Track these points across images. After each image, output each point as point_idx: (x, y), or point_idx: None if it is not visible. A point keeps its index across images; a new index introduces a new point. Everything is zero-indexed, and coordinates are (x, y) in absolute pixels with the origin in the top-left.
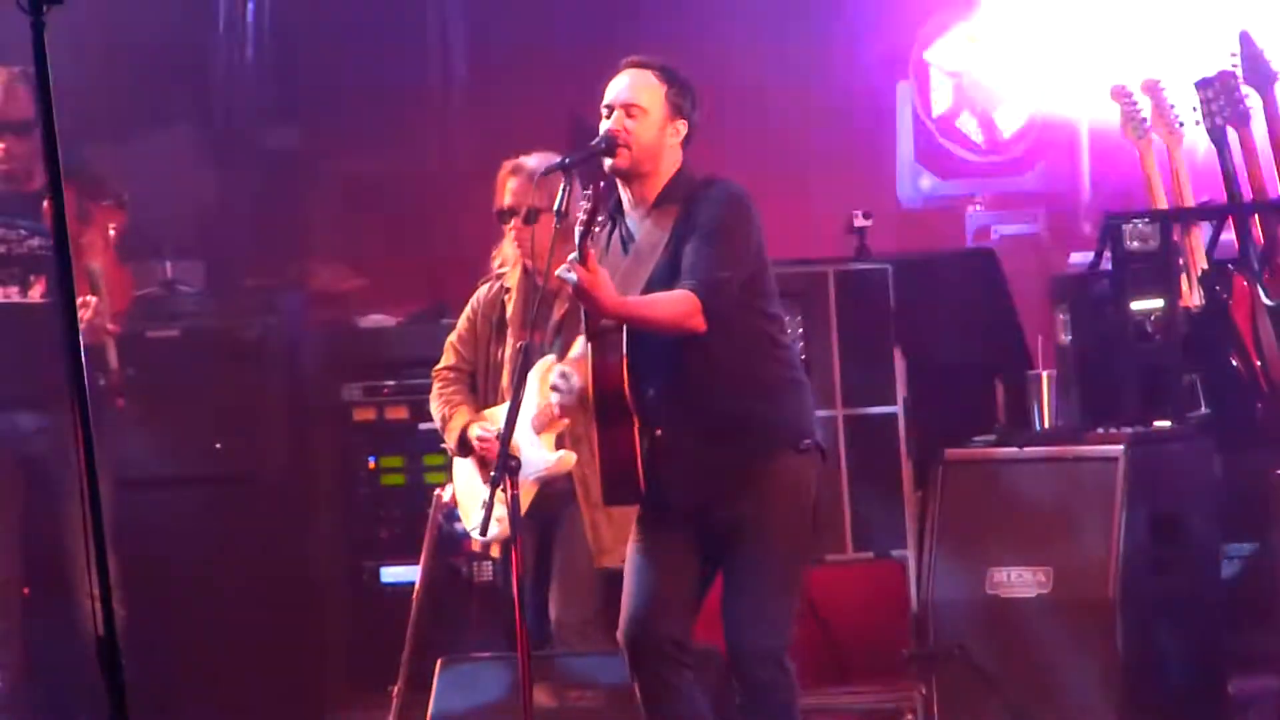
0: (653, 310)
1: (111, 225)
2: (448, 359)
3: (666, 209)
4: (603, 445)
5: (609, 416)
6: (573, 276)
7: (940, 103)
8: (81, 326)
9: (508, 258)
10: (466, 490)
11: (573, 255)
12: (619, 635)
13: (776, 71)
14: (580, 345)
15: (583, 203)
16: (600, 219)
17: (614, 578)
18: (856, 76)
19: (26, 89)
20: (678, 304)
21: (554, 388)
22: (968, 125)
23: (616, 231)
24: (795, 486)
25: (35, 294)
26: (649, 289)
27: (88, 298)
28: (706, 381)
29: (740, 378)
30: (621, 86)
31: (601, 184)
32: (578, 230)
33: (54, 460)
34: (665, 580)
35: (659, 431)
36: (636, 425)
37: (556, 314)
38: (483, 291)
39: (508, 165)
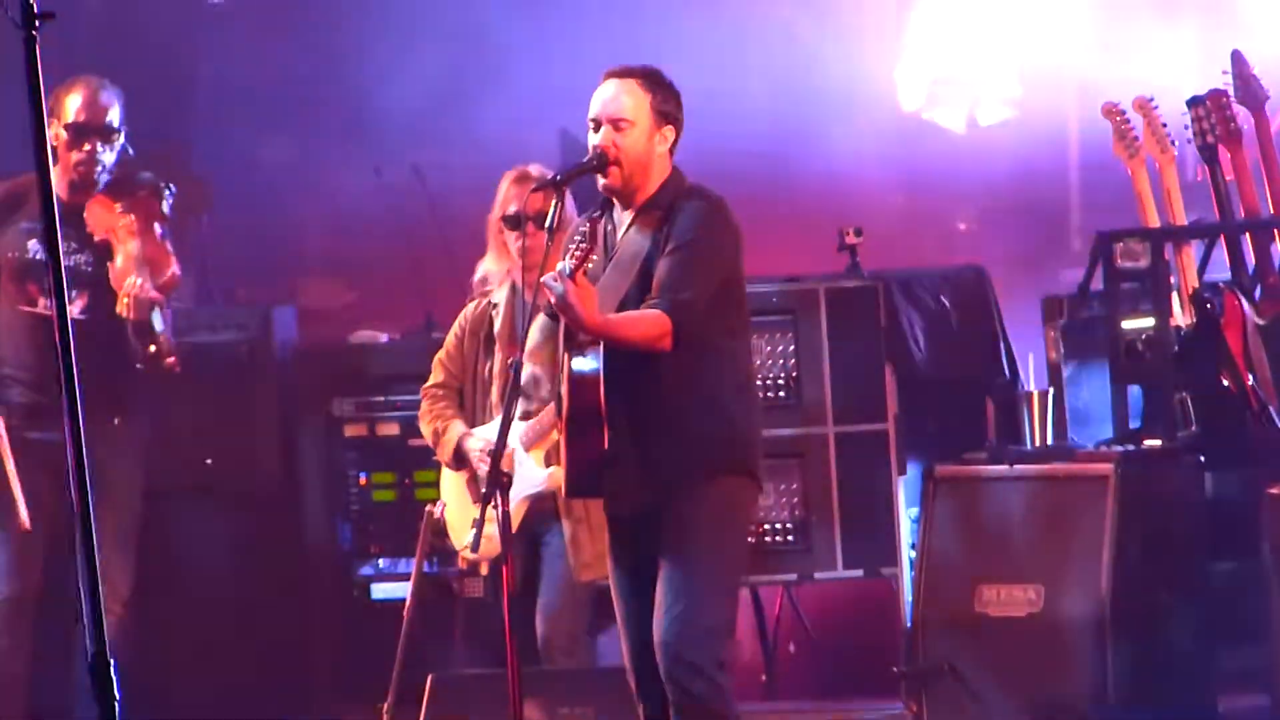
0: (629, 330)
1: (151, 209)
2: (436, 376)
3: (650, 216)
4: (570, 446)
5: (580, 425)
6: (559, 288)
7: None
8: (128, 304)
9: (491, 274)
10: (455, 507)
11: (562, 266)
12: (626, 668)
13: (765, 82)
14: (533, 338)
15: (578, 238)
16: (595, 257)
17: (599, 592)
18: (848, 87)
19: (110, 96)
20: (651, 325)
21: (527, 393)
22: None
23: (602, 229)
24: (730, 507)
25: (75, 309)
26: (624, 303)
27: (133, 279)
28: (656, 396)
29: (690, 396)
30: (606, 99)
31: (598, 215)
32: (570, 263)
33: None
34: (645, 613)
35: (608, 442)
36: (606, 433)
37: None
38: (470, 309)
39: (513, 173)
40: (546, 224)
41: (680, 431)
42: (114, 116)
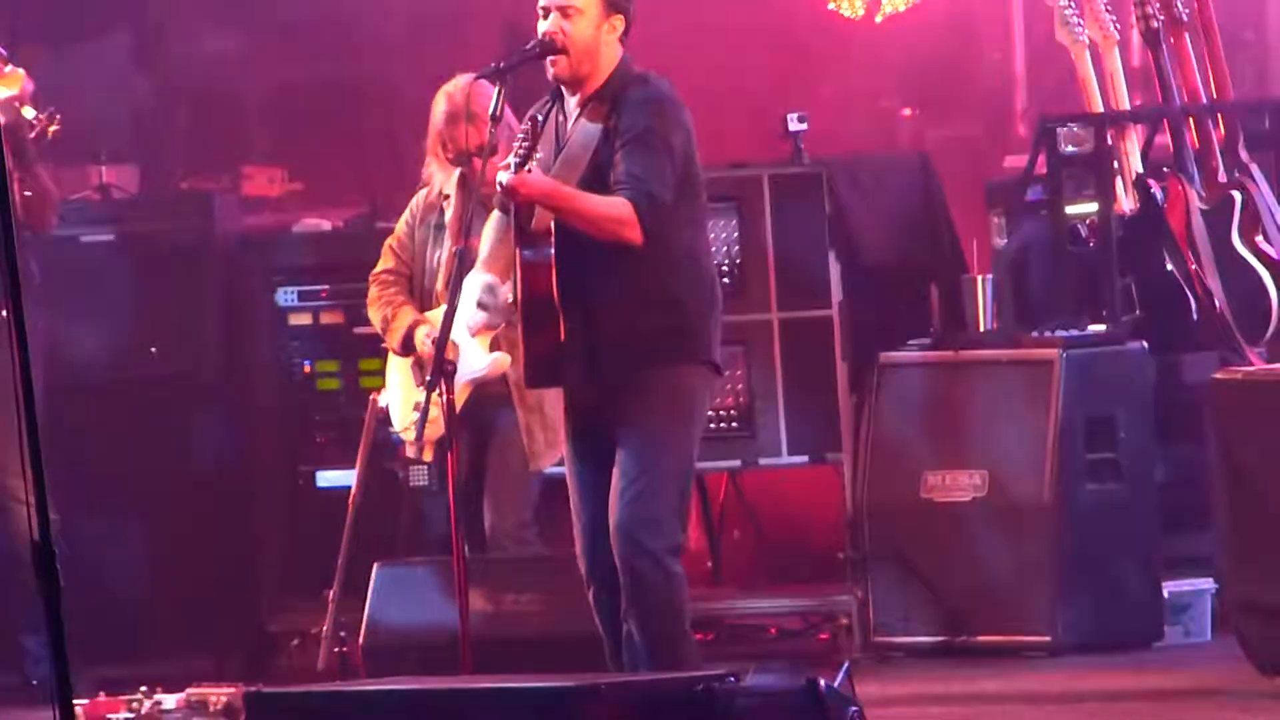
0: (585, 204)
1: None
2: (386, 262)
3: (598, 107)
4: (528, 344)
5: (535, 318)
6: (505, 176)
7: None
8: None
9: (435, 175)
10: (399, 394)
11: (509, 159)
12: (577, 553)
13: None
14: (488, 240)
15: (521, 135)
16: (539, 154)
17: (549, 481)
18: None
19: None
20: (612, 207)
21: (480, 304)
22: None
23: (551, 122)
24: (684, 397)
25: None
26: None
27: None
28: (610, 286)
29: (648, 288)
30: None
31: (548, 105)
32: (513, 160)
33: None
34: (603, 494)
35: (564, 333)
36: (562, 325)
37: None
38: (421, 195)
39: (443, 111)
40: (490, 112)
41: (633, 321)
42: None
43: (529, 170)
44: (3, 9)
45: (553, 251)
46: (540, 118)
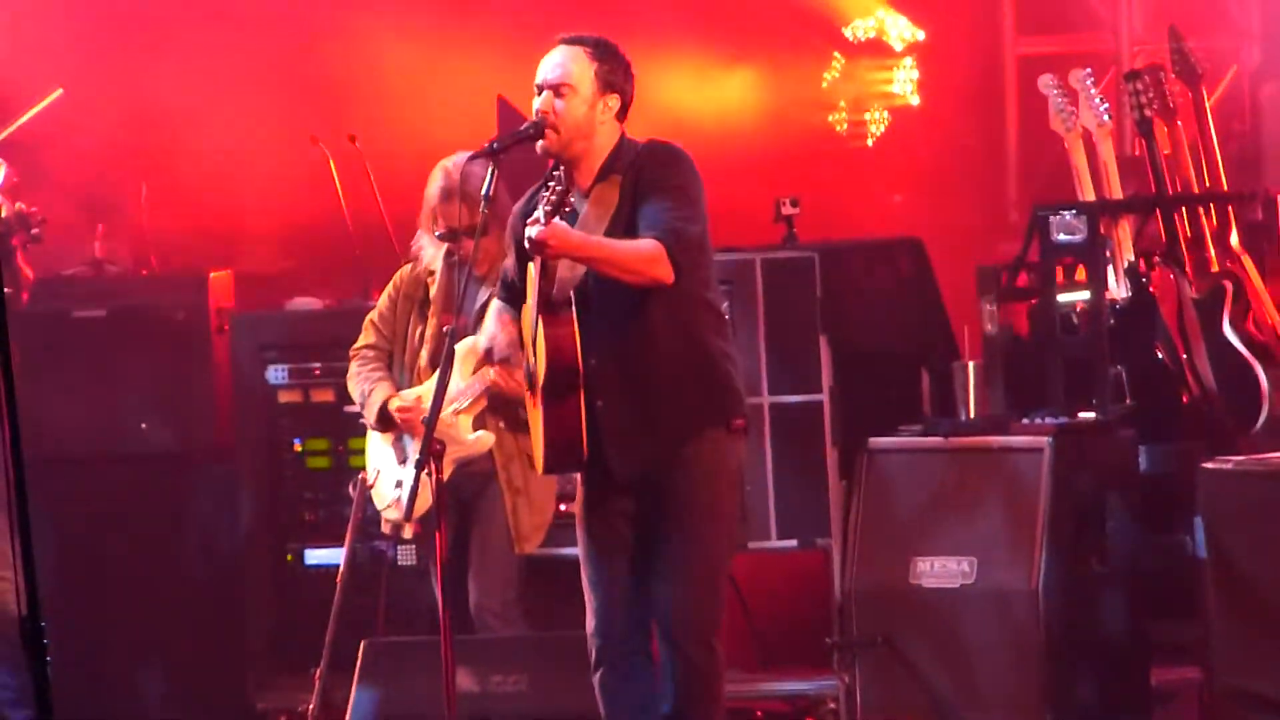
0: (614, 249)
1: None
2: (367, 337)
3: (610, 180)
4: (548, 419)
5: (559, 390)
6: (533, 230)
7: None
8: None
9: (425, 252)
10: (380, 472)
11: (537, 214)
12: (588, 633)
13: (706, 60)
14: (469, 344)
15: (553, 183)
16: (570, 199)
17: (533, 562)
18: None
19: None
20: (642, 248)
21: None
22: None
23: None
24: (725, 467)
25: None
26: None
27: None
28: (649, 354)
29: (680, 349)
30: (551, 65)
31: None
32: (544, 209)
33: None
34: (621, 573)
35: (600, 402)
36: (583, 398)
37: (482, 298)
38: (405, 270)
39: (439, 187)
40: (483, 191)
41: (680, 388)
42: None
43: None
44: None
45: (575, 322)
46: (567, 197)
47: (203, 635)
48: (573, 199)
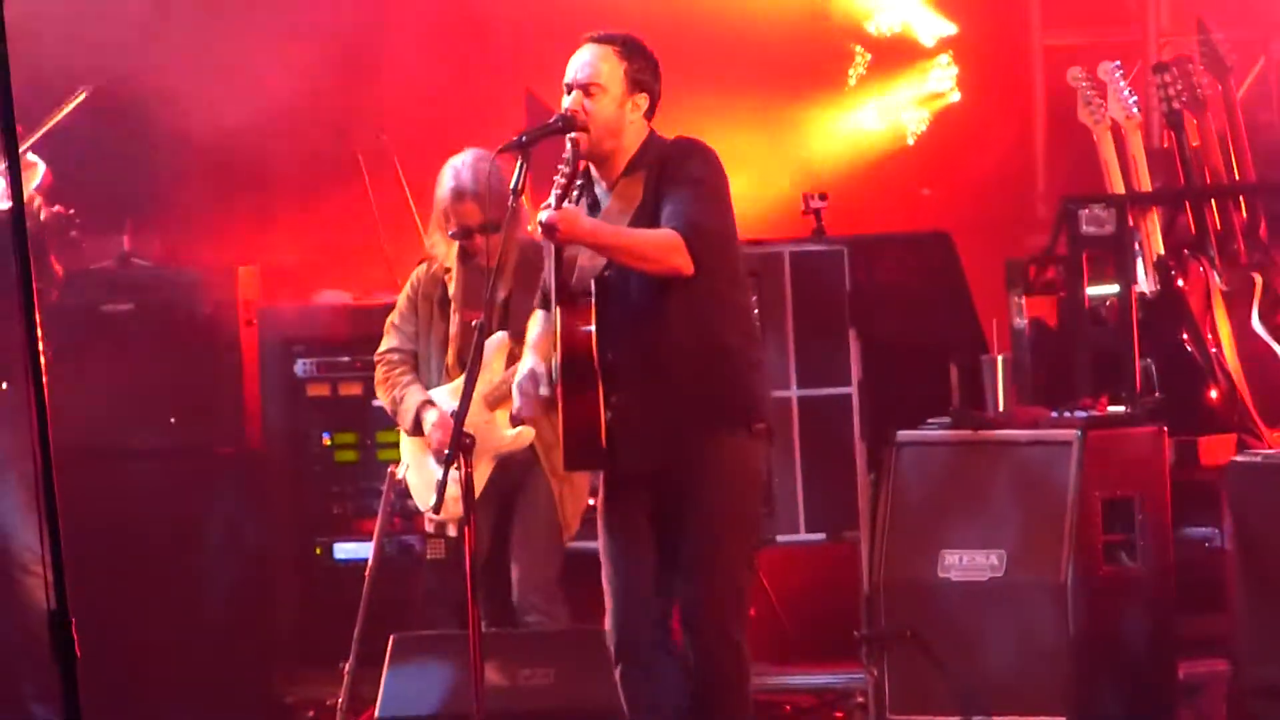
0: (630, 237)
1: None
2: (390, 341)
3: (635, 176)
4: (567, 411)
5: (575, 383)
6: (544, 215)
7: None
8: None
9: (438, 250)
10: (416, 469)
11: (548, 202)
12: (607, 629)
13: (738, 47)
14: (535, 328)
15: (562, 167)
16: (579, 182)
17: (571, 552)
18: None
19: None
20: (658, 237)
21: (521, 390)
22: None
23: (583, 200)
24: (747, 468)
25: None
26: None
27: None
28: (667, 348)
29: (694, 344)
30: (580, 64)
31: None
32: (554, 193)
33: None
34: (641, 568)
35: (614, 396)
36: (601, 391)
37: (503, 292)
38: (421, 270)
39: (449, 187)
40: (512, 186)
41: (693, 390)
42: None
43: (568, 200)
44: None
45: (592, 302)
46: (574, 180)
47: (230, 629)
48: (597, 192)
